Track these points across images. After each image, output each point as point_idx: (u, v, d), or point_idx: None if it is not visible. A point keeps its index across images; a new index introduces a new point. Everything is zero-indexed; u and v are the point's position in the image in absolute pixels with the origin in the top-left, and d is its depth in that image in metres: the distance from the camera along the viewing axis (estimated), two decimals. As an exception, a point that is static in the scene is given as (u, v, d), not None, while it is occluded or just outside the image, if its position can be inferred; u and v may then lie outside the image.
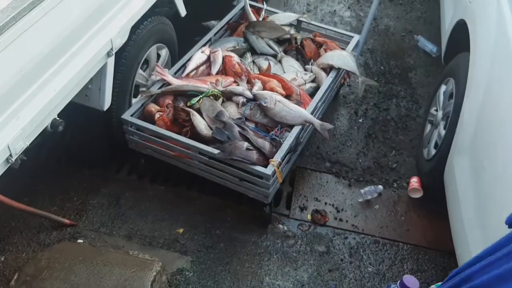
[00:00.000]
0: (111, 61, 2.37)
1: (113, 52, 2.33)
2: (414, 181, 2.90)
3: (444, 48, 3.14)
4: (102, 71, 2.34)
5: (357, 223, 2.74)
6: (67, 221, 2.48)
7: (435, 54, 3.81)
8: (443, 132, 2.66)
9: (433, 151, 2.75)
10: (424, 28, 4.11)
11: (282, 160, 2.49)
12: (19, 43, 1.76)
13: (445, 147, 2.53)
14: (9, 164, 1.86)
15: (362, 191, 2.87)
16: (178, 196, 2.74)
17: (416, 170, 2.99)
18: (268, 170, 2.40)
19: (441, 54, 3.25)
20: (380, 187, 2.90)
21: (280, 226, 2.68)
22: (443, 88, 2.86)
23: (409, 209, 2.84)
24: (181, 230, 2.58)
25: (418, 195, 2.88)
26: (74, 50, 2.09)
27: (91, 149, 2.89)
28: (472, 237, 2.04)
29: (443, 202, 2.41)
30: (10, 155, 1.83)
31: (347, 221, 2.75)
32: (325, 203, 2.83)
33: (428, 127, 2.98)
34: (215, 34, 3.23)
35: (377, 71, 3.72)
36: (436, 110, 2.88)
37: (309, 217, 2.75)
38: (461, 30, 2.75)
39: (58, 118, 2.09)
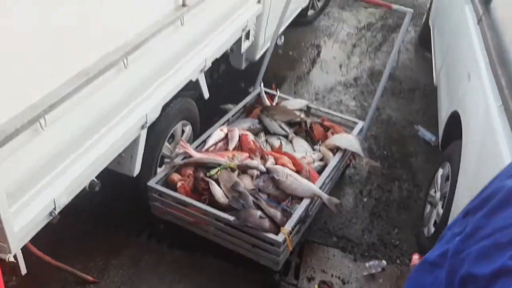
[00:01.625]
0: (143, 133, 2.68)
1: (147, 125, 2.64)
2: (416, 258, 3.05)
3: (441, 137, 3.46)
4: (135, 142, 2.64)
5: (361, 295, 2.88)
6: (90, 278, 2.65)
7: (433, 143, 4.12)
8: (441, 211, 2.88)
9: (432, 229, 2.96)
10: (424, 119, 4.47)
11: (293, 229, 2.71)
12: (75, 114, 2.08)
13: (443, 223, 2.74)
14: (51, 217, 2.09)
15: (367, 264, 3.04)
16: (195, 261, 2.92)
17: (417, 247, 3.17)
18: (280, 238, 2.60)
19: (439, 143, 3.56)
20: (384, 262, 3.07)
21: (288, 295, 2.83)
22: (440, 171, 3.13)
23: (411, 284, 2.97)
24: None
25: (419, 271, 3.03)
26: (116, 122, 2.41)
27: (116, 214, 3.12)
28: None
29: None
30: (54, 208, 2.07)
31: (352, 293, 2.89)
32: (332, 275, 2.98)
33: (428, 207, 3.21)
34: (233, 115, 3.58)
35: (380, 155, 4.02)
36: (435, 192, 3.13)
37: (316, 287, 2.90)
38: (455, 121, 3.07)
39: (95, 180, 2.35)
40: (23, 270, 1.97)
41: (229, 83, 4.35)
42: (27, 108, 1.78)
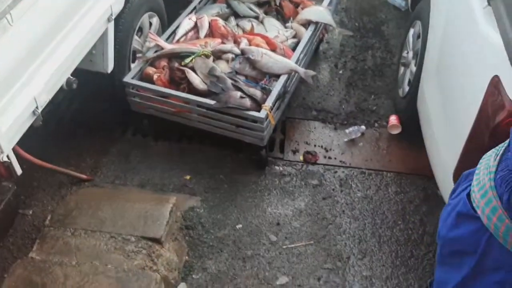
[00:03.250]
0: (111, 27, 2.61)
1: (113, 18, 2.57)
2: (393, 119, 3.21)
3: (410, -2, 3.45)
4: (103, 37, 2.59)
5: (344, 159, 3.04)
6: (84, 176, 2.74)
7: (403, 7, 4.10)
8: (414, 69, 2.96)
9: (407, 88, 3.06)
10: (392, -15, 4.40)
11: (273, 105, 2.77)
12: (40, 9, 2.02)
13: (416, 80, 2.83)
14: (34, 117, 2.11)
15: (347, 131, 3.17)
16: (181, 150, 3.02)
17: (394, 109, 3.29)
18: (262, 114, 2.68)
19: (409, 5, 3.55)
20: (363, 127, 3.20)
21: (276, 167, 2.97)
22: (411, 31, 3.16)
23: (390, 144, 3.14)
24: (188, 177, 2.85)
25: (397, 131, 3.18)
26: (81, 15, 2.34)
27: (97, 115, 3.14)
28: (445, 154, 2.34)
29: (420, 134, 2.71)
30: (37, 107, 2.08)
31: (335, 158, 3.05)
32: (315, 145, 3.12)
33: (402, 69, 3.29)
34: (199, 2, 3.48)
35: (352, 27, 4.01)
36: (407, 52, 3.19)
37: (301, 158, 3.04)
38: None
39: (71, 77, 2.34)
40: (18, 170, 2.03)
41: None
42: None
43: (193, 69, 2.90)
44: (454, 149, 2.14)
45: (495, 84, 1.84)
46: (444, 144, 2.38)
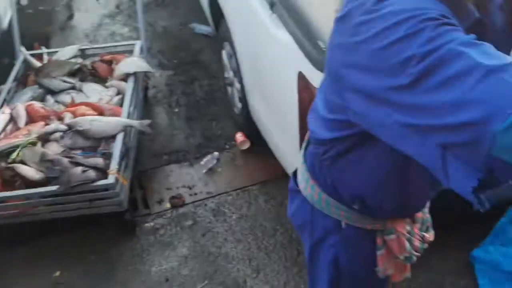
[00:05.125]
0: None
1: None
2: (239, 136, 3.33)
3: (211, 22, 3.62)
4: None
5: (210, 189, 3.07)
6: None
7: (212, 33, 4.30)
8: (238, 86, 3.11)
9: (239, 105, 3.20)
10: (194, 16, 4.58)
11: (120, 166, 2.70)
12: None
13: (244, 95, 2.98)
14: None
15: (202, 162, 3.21)
16: (40, 247, 2.77)
17: (237, 127, 3.42)
18: (110, 180, 2.58)
19: (214, 29, 3.74)
20: (216, 153, 3.27)
21: (147, 224, 2.89)
22: (224, 53, 3.33)
23: (246, 159, 3.25)
24: (58, 273, 2.62)
25: (247, 145, 3.30)
26: None
27: None
28: (288, 150, 2.49)
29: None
30: None
31: (201, 192, 3.06)
32: (177, 188, 3.10)
33: (229, 89, 3.43)
34: (8, 93, 3.26)
35: (173, 66, 4.09)
36: (228, 73, 3.34)
37: (168, 205, 2.99)
38: (214, 2, 3.22)
39: None
40: None
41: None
42: None
43: (23, 162, 2.70)
44: (293, 143, 2.29)
45: (302, 78, 2.01)
46: (283, 143, 2.54)
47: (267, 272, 2.54)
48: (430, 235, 1.43)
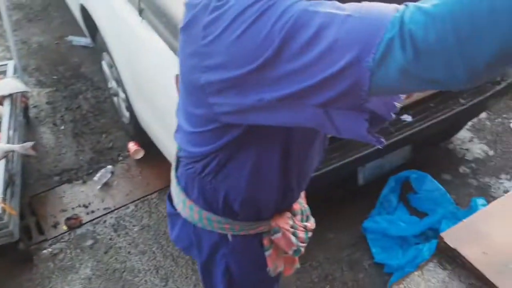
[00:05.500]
0: None
1: None
2: (132, 145, 3.27)
3: (87, 33, 3.51)
4: None
5: (107, 205, 2.98)
6: None
7: (90, 44, 4.16)
8: (123, 95, 3.05)
9: (127, 114, 3.14)
10: (71, 28, 4.40)
11: (4, 195, 2.53)
12: None
13: (129, 104, 2.93)
14: None
15: (95, 178, 3.11)
16: None
17: (128, 137, 3.35)
18: (-5, 211, 2.42)
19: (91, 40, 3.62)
20: (110, 167, 3.18)
21: (44, 251, 2.74)
22: (103, 63, 3.24)
23: (141, 169, 3.21)
24: None
25: (141, 154, 3.26)
26: None
27: None
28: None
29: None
30: None
31: (98, 209, 2.96)
32: (73, 208, 2.97)
33: (115, 99, 3.35)
34: None
35: (53, 82, 3.90)
36: (111, 83, 3.26)
37: (64, 228, 2.86)
38: (87, 13, 3.13)
39: None
40: None
41: None
42: None
43: None
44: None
45: (178, 81, 2.03)
46: (172, 147, 2.53)
47: (176, 278, 2.54)
48: (311, 223, 1.48)
